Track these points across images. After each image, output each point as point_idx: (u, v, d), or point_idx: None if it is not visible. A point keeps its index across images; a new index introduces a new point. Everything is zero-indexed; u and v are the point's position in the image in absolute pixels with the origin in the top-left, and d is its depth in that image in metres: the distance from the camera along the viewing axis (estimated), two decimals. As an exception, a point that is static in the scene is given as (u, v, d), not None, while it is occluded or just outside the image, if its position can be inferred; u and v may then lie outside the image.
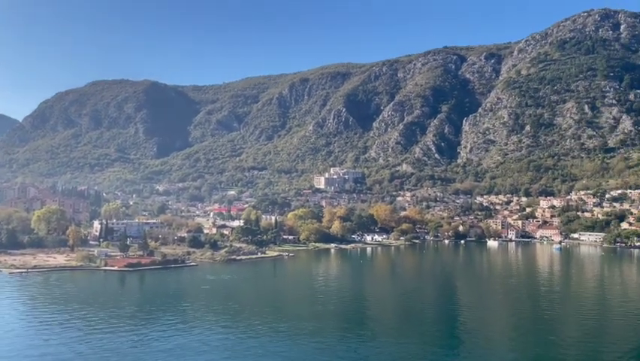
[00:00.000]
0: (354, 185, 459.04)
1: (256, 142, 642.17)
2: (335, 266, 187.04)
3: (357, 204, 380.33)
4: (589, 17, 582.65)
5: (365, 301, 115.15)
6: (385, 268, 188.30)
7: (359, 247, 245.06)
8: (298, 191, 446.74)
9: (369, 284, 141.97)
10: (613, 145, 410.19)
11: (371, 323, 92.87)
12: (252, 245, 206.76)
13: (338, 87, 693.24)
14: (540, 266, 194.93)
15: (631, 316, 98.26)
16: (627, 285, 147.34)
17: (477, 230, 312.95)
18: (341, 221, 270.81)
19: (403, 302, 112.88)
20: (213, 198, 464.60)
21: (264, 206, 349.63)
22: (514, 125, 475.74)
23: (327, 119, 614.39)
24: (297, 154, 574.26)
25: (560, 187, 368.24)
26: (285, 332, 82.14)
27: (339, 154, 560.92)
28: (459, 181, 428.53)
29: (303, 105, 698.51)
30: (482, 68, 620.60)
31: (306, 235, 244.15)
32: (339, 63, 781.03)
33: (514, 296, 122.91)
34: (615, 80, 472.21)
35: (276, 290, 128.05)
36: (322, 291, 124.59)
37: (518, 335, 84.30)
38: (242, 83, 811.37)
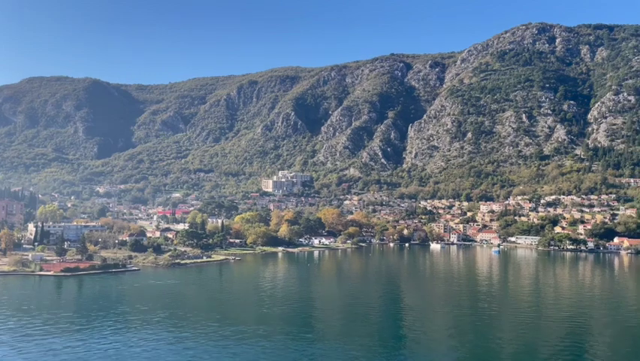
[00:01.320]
0: (303, 188, 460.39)
1: (203, 144, 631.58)
2: (282, 270, 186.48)
3: (305, 208, 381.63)
4: (527, 30, 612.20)
5: (312, 304, 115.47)
6: (332, 271, 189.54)
7: (306, 250, 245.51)
8: (246, 194, 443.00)
9: (316, 287, 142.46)
10: (548, 153, 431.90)
11: (318, 325, 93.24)
12: (197, 249, 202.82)
13: (287, 90, 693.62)
14: (480, 268, 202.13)
15: (563, 315, 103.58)
16: (560, 286, 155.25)
17: (421, 233, 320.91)
18: (289, 224, 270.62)
19: (349, 304, 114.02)
20: (157, 200, 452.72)
21: (210, 209, 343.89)
22: (456, 132, 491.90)
23: (276, 122, 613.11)
24: (244, 157, 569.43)
25: (499, 192, 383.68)
26: (230, 337, 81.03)
27: (288, 157, 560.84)
28: (404, 186, 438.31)
29: (252, 107, 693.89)
30: (427, 76, 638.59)
31: (253, 239, 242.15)
32: (288, 67, 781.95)
33: (455, 297, 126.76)
34: (550, 91, 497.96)
35: (221, 294, 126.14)
36: (269, 294, 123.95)
37: (460, 335, 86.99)
38: (189, 84, 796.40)
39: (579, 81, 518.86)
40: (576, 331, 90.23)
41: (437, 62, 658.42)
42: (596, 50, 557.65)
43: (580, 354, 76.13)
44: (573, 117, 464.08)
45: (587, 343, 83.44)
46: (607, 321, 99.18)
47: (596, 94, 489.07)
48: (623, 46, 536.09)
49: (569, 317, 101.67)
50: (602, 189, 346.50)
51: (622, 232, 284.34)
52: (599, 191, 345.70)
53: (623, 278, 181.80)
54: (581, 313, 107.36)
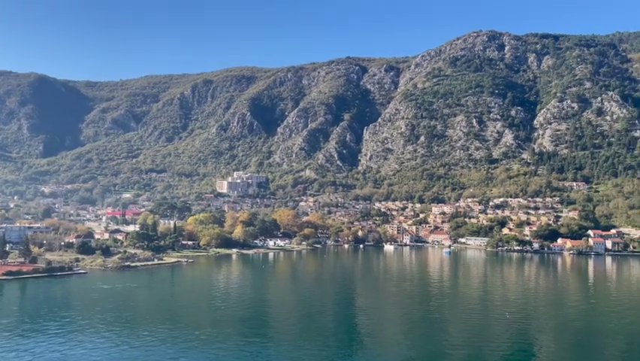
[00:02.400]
0: (258, 190, 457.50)
1: (155, 143, 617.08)
2: (236, 272, 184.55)
3: (261, 209, 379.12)
4: (478, 37, 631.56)
5: (266, 306, 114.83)
6: (287, 272, 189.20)
7: (261, 252, 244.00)
8: (199, 195, 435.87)
9: (271, 289, 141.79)
10: (496, 157, 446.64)
11: (272, 328, 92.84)
12: (148, 251, 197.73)
13: (243, 90, 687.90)
14: (431, 269, 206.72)
15: (511, 313, 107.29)
16: (507, 286, 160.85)
17: (375, 235, 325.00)
18: (243, 226, 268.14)
19: (303, 306, 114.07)
20: (106, 201, 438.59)
21: (162, 210, 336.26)
22: (410, 135, 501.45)
23: (231, 122, 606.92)
24: (198, 157, 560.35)
25: (450, 195, 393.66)
26: (182, 340, 79.49)
27: (243, 158, 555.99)
28: (359, 188, 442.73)
29: (207, 107, 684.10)
30: (382, 80, 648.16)
31: (206, 241, 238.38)
32: (244, 66, 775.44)
33: (408, 298, 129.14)
34: (499, 97, 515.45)
35: (173, 297, 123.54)
36: (222, 297, 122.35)
37: (412, 335, 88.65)
38: (141, 81, 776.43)
39: (526, 88, 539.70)
40: (522, 329, 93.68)
41: (392, 66, 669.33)
42: (543, 59, 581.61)
43: (526, 351, 79.12)
44: (520, 123, 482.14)
45: (533, 340, 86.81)
46: (551, 319, 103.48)
47: (541, 101, 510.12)
48: (567, 55, 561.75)
49: (516, 315, 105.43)
50: (546, 192, 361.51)
51: (565, 233, 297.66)
52: (543, 194, 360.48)
53: (566, 278, 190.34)
54: (527, 311, 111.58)
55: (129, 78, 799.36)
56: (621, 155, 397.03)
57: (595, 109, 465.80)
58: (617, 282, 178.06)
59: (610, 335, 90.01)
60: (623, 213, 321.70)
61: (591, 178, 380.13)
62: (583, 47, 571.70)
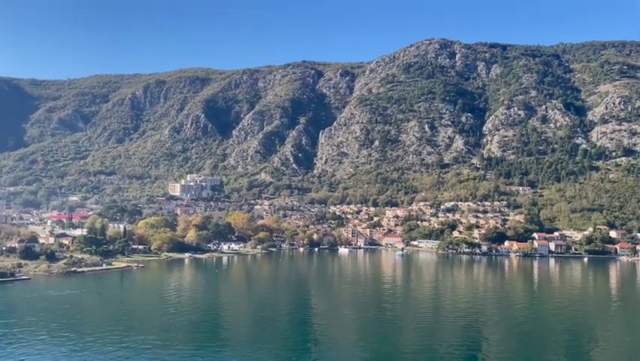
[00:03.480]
0: (212, 193, 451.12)
1: (105, 144, 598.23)
2: (188, 276, 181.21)
3: (215, 213, 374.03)
4: (430, 45, 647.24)
5: (219, 311, 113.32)
6: (241, 277, 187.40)
7: (215, 256, 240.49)
8: (151, 198, 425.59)
9: (224, 294, 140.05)
10: (447, 162, 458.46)
11: (225, 333, 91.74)
12: (96, 256, 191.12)
13: (197, 92, 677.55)
14: (385, 272, 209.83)
15: (460, 314, 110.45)
16: (457, 287, 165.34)
17: (330, 238, 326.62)
18: (197, 230, 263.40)
19: (257, 310, 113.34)
20: (52, 204, 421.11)
21: (111, 214, 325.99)
22: (365, 139, 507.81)
23: (185, 124, 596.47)
24: (150, 159, 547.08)
25: (404, 198, 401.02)
26: (132, 346, 77.39)
27: (197, 161, 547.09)
28: (314, 191, 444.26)
29: (159, 108, 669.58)
30: (338, 85, 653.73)
31: (158, 245, 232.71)
32: (198, 68, 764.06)
33: (362, 300, 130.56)
34: (450, 104, 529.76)
35: (122, 303, 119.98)
36: (174, 302, 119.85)
37: (366, 337, 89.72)
38: (90, 81, 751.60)
39: (476, 95, 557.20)
40: (471, 328, 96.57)
41: (347, 71, 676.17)
42: (491, 67, 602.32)
43: (475, 350, 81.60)
44: (470, 129, 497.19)
45: (482, 340, 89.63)
46: (498, 319, 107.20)
47: (490, 108, 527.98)
48: (515, 64, 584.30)
49: (465, 316, 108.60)
50: (494, 196, 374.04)
51: (511, 236, 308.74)
52: (492, 198, 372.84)
53: (512, 279, 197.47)
54: (476, 312, 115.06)
55: (77, 77, 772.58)
56: (564, 161, 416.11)
57: (540, 117, 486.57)
58: (559, 283, 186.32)
59: (553, 334, 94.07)
60: (565, 216, 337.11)
61: (536, 183, 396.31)
62: (529, 57, 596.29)
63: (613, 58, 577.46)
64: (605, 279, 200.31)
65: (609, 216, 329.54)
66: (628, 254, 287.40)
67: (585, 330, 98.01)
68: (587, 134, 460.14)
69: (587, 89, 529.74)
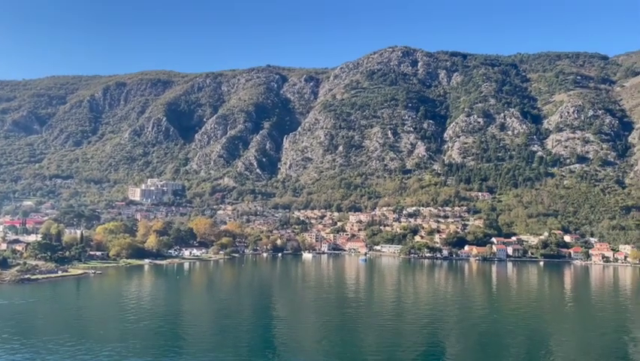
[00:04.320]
0: (174, 197, 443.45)
1: (61, 147, 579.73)
2: (148, 283, 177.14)
3: (176, 218, 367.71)
4: (393, 53, 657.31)
5: (180, 318, 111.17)
6: (202, 283, 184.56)
7: (176, 262, 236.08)
8: (110, 203, 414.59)
9: (185, 300, 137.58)
10: (410, 167, 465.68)
11: (186, 340, 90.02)
12: (51, 263, 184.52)
13: (159, 95, 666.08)
14: (348, 277, 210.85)
15: (421, 318, 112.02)
16: (419, 291, 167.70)
17: (293, 243, 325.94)
18: (157, 235, 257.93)
19: (219, 317, 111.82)
20: (4, 209, 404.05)
21: (68, 219, 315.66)
22: (329, 145, 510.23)
23: (146, 127, 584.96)
24: (109, 163, 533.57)
25: (367, 203, 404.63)
26: (88, 355, 74.92)
27: (158, 165, 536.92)
28: (278, 196, 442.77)
29: (119, 111, 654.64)
30: (302, 90, 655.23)
31: (116, 251, 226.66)
32: (160, 70, 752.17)
33: (325, 305, 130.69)
34: (413, 110, 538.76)
35: (79, 311, 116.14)
36: (133, 309, 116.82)
37: (329, 342, 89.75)
38: (46, 81, 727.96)
39: (437, 102, 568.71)
40: (433, 331, 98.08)
41: (312, 76, 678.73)
42: (452, 75, 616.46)
43: (436, 352, 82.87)
44: (432, 135, 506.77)
45: (442, 342, 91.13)
46: (458, 321, 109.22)
47: (451, 115, 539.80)
48: (474, 73, 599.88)
49: (427, 319, 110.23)
50: (455, 202, 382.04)
51: (471, 240, 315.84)
52: (452, 203, 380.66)
53: (472, 283, 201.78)
54: (437, 315, 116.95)
55: (33, 78, 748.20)
56: (521, 167, 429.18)
57: (498, 124, 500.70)
58: (517, 286, 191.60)
59: (511, 336, 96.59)
60: (522, 221, 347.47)
61: (495, 189, 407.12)
62: (488, 66, 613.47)
63: (567, 68, 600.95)
64: (559, 282, 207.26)
65: (563, 221, 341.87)
66: (581, 258, 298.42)
67: (541, 331, 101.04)
68: (542, 142, 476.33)
69: (542, 98, 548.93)
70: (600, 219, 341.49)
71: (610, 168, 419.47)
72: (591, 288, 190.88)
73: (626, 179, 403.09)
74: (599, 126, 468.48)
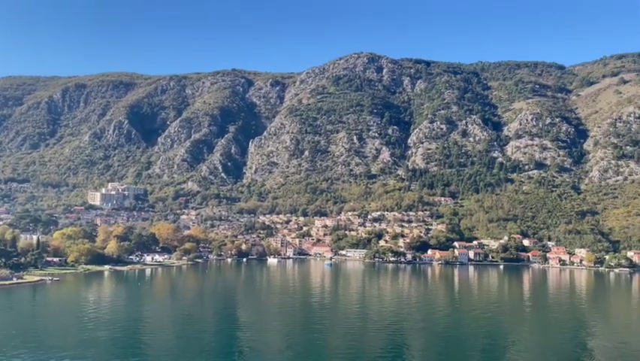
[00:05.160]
0: (135, 202, 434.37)
1: (17, 150, 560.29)
2: (108, 290, 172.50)
3: (138, 223, 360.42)
4: (359, 59, 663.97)
5: (141, 326, 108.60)
6: (165, 289, 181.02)
7: (137, 268, 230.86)
8: (68, 207, 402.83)
9: (147, 307, 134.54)
10: (375, 172, 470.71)
11: (148, 348, 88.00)
12: (5, 269, 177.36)
13: (120, 97, 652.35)
14: (313, 281, 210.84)
15: (385, 322, 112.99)
16: (383, 295, 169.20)
17: (259, 248, 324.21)
18: (118, 241, 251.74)
19: (182, 324, 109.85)
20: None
21: (23, 224, 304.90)
22: (295, 149, 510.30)
23: (107, 130, 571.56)
24: (68, 166, 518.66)
25: (332, 208, 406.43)
26: (43, 368, 72.27)
27: (119, 168, 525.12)
28: (244, 201, 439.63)
29: (79, 113, 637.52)
30: (268, 94, 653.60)
31: (75, 257, 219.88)
32: (122, 72, 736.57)
33: (290, 311, 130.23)
34: (378, 116, 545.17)
35: (34, 320, 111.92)
36: (91, 317, 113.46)
37: (295, 347, 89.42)
38: (2, 82, 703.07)
39: (402, 109, 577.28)
40: (397, 335, 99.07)
41: (278, 81, 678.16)
42: (416, 82, 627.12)
43: (399, 356, 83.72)
44: (396, 141, 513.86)
45: (406, 346, 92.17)
46: (422, 325, 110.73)
47: (415, 121, 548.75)
48: (438, 80, 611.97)
49: (391, 323, 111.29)
50: (418, 207, 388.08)
51: (434, 244, 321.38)
52: (416, 208, 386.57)
53: (435, 287, 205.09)
54: (401, 319, 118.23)
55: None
56: (482, 173, 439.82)
57: (460, 131, 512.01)
58: (478, 289, 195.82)
59: (473, 338, 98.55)
60: (483, 226, 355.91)
61: (457, 194, 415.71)
62: (451, 74, 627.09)
63: (526, 77, 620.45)
64: (518, 285, 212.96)
65: (522, 226, 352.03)
66: (539, 261, 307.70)
67: (501, 333, 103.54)
68: (502, 148, 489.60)
69: (503, 106, 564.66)
70: (557, 223, 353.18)
71: (566, 174, 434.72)
72: (548, 291, 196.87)
73: (582, 185, 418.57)
74: (556, 134, 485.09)
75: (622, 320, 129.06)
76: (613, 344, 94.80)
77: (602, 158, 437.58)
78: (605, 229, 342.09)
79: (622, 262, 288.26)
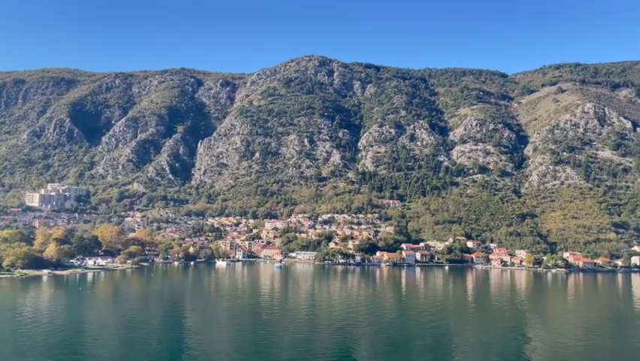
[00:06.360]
0: (77, 203, 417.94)
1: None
2: (47, 295, 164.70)
3: (80, 225, 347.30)
4: (310, 62, 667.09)
5: (83, 332, 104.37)
6: (107, 294, 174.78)
7: (78, 272, 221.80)
8: (4, 209, 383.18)
9: (88, 313, 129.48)
10: (325, 175, 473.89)
11: (89, 356, 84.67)
12: None
13: (62, 94, 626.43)
14: (262, 284, 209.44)
15: (334, 324, 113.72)
16: (332, 297, 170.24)
17: (207, 251, 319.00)
18: (58, 244, 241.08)
19: (126, 330, 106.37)
20: None
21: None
22: (245, 151, 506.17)
23: (47, 128, 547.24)
24: (4, 165, 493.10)
25: (283, 210, 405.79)
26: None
27: (60, 168, 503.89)
28: (192, 203, 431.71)
29: (16, 110, 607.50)
30: (218, 94, 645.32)
31: (11, 261, 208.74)
32: (64, 68, 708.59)
33: (239, 314, 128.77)
34: (329, 119, 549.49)
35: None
36: (29, 324, 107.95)
37: (244, 352, 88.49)
38: None
39: (352, 112, 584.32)
40: (345, 337, 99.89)
41: (228, 81, 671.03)
42: (366, 86, 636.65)
43: (348, 357, 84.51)
44: (347, 144, 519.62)
45: (354, 348, 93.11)
46: (370, 326, 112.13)
47: (365, 125, 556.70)
48: (387, 85, 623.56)
49: (340, 325, 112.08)
50: (368, 209, 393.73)
51: (382, 246, 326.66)
52: (365, 210, 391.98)
53: (382, 288, 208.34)
54: (349, 321, 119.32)
55: None
56: (429, 176, 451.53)
57: (408, 135, 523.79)
58: (424, 290, 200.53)
59: (419, 338, 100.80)
60: (429, 228, 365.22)
61: (405, 197, 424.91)
62: (400, 79, 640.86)
63: (471, 84, 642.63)
64: (462, 286, 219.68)
65: (467, 228, 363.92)
66: (482, 262, 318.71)
67: (446, 332, 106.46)
68: (448, 153, 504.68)
69: (449, 112, 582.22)
70: (499, 226, 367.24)
71: (508, 179, 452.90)
72: (490, 291, 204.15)
73: (522, 189, 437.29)
74: (498, 139, 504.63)
75: (558, 319, 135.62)
76: (550, 341, 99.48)
77: (541, 163, 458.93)
78: (544, 231, 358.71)
79: (559, 263, 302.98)
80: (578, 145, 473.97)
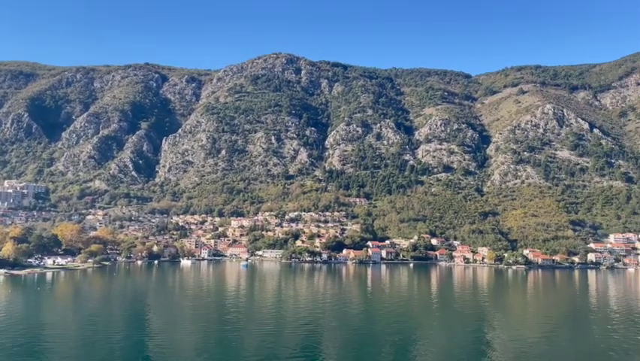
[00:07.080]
0: (35, 201, 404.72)
1: None
2: (3, 296, 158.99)
3: (38, 223, 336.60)
4: (277, 59, 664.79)
5: (41, 334, 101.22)
6: (67, 294, 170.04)
7: (37, 272, 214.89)
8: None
9: (47, 314, 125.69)
10: (292, 173, 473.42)
11: (48, 357, 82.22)
12: None
13: (20, 88, 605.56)
14: (228, 283, 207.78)
15: (301, 322, 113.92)
16: (298, 295, 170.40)
17: (171, 250, 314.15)
18: (15, 242, 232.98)
19: (86, 332, 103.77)
20: None
21: None
22: (211, 148, 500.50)
23: (4, 123, 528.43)
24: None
25: (249, 208, 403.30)
26: None
27: (18, 165, 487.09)
28: (156, 200, 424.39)
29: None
30: (183, 90, 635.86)
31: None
32: (22, 61, 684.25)
33: (204, 314, 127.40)
34: (296, 117, 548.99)
35: None
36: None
37: (208, 351, 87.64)
38: None
39: (320, 110, 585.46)
40: (312, 335, 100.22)
41: (194, 77, 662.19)
42: (334, 85, 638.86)
43: (314, 355, 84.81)
44: (314, 142, 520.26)
45: (321, 345, 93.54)
46: (336, 324, 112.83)
47: (332, 123, 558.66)
48: (354, 84, 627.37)
49: (306, 323, 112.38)
50: (334, 207, 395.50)
51: (349, 244, 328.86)
52: (332, 208, 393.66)
53: (348, 285, 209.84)
54: (316, 318, 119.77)
55: None
56: (395, 175, 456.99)
57: (375, 134, 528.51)
58: (389, 287, 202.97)
59: (385, 335, 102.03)
60: (395, 226, 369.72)
61: (371, 195, 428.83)
62: (367, 78, 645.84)
63: (436, 84, 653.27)
64: (427, 282, 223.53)
65: (431, 226, 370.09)
66: (446, 260, 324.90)
67: (411, 328, 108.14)
68: (414, 152, 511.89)
69: (414, 111, 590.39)
70: (462, 223, 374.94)
71: (471, 177, 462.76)
72: (453, 287, 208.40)
73: (484, 187, 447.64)
74: (462, 139, 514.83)
75: (518, 314, 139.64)
76: (510, 336, 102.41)
77: (503, 162, 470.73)
78: (505, 229, 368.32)
79: (519, 260, 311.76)
80: (537, 145, 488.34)
